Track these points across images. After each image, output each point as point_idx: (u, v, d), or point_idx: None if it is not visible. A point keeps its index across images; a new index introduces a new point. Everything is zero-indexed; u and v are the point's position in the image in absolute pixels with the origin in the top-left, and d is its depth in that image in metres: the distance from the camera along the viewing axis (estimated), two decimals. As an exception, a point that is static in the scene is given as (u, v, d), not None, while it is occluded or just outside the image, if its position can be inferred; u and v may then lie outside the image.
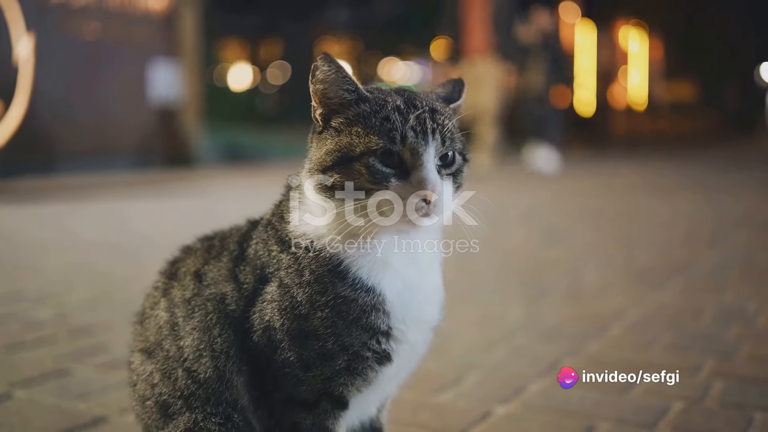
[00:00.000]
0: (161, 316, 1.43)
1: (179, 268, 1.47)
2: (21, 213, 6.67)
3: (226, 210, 6.65)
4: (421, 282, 1.33)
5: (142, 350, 1.44)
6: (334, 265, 1.29)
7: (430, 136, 1.27)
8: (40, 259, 4.57)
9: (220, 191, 8.55)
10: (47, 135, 9.40)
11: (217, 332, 1.35)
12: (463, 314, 3.24)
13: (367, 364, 1.30)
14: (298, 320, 1.28)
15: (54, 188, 8.45)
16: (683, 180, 10.48)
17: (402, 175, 1.25)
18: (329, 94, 1.30)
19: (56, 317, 3.22)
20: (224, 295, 1.37)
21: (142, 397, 1.42)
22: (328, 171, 1.26)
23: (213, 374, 1.35)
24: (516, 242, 5.38)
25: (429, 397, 2.30)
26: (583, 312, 3.32)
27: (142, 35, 10.49)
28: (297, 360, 1.29)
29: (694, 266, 4.35)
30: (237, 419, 1.34)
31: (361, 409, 1.42)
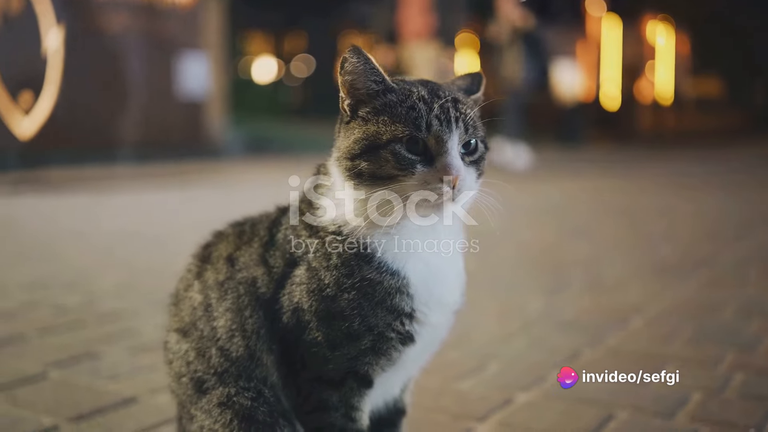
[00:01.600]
0: (195, 297, 1.48)
1: (212, 252, 1.52)
2: (48, 203, 6.79)
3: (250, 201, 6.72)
4: (443, 267, 1.38)
5: (178, 330, 1.50)
6: (360, 249, 1.33)
7: (454, 124, 1.31)
8: (68, 248, 4.67)
9: (244, 183, 8.63)
10: (75, 126, 9.53)
11: (248, 313, 1.41)
12: (483, 306, 3.28)
13: (391, 345, 1.35)
14: (325, 302, 1.33)
15: (81, 179, 8.57)
16: (708, 176, 10.42)
17: (427, 161, 1.29)
18: (357, 84, 1.35)
19: (85, 303, 3.30)
20: (255, 278, 1.42)
21: (178, 374, 1.48)
22: (356, 159, 1.31)
23: (244, 353, 1.40)
24: (537, 236, 5.41)
25: (450, 384, 2.34)
26: (603, 305, 3.34)
27: (168, 28, 10.59)
28: (324, 340, 1.34)
29: (717, 261, 4.36)
30: (268, 395, 1.40)
31: (385, 388, 1.47)
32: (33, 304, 3.26)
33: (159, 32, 10.64)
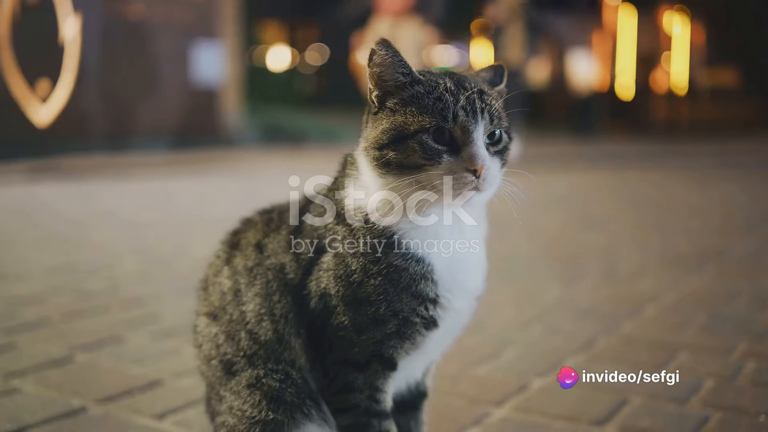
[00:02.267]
0: (224, 283, 1.53)
1: (241, 239, 1.57)
2: (67, 190, 6.87)
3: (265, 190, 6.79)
4: (467, 254, 1.42)
5: (207, 314, 1.55)
6: (386, 237, 1.38)
7: (479, 115, 1.35)
8: (89, 234, 4.74)
9: (259, 171, 8.68)
10: (92, 114, 9.61)
11: (276, 298, 1.46)
12: (501, 294, 3.33)
13: (416, 329, 1.39)
14: (352, 287, 1.38)
15: (98, 167, 8.65)
16: (723, 167, 10.40)
17: (453, 151, 1.33)
18: (385, 76, 1.39)
19: (108, 288, 3.37)
20: (283, 264, 1.47)
21: (208, 356, 1.53)
22: (384, 148, 1.35)
23: (273, 336, 1.45)
24: (553, 227, 5.44)
25: (468, 370, 2.39)
26: (618, 294, 3.38)
27: (184, 16, 10.65)
28: (351, 324, 1.38)
29: (730, 252, 4.38)
30: (295, 376, 1.44)
31: (409, 372, 1.52)
32: (58, 289, 3.33)
33: (175, 21, 10.70)
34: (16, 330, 2.73)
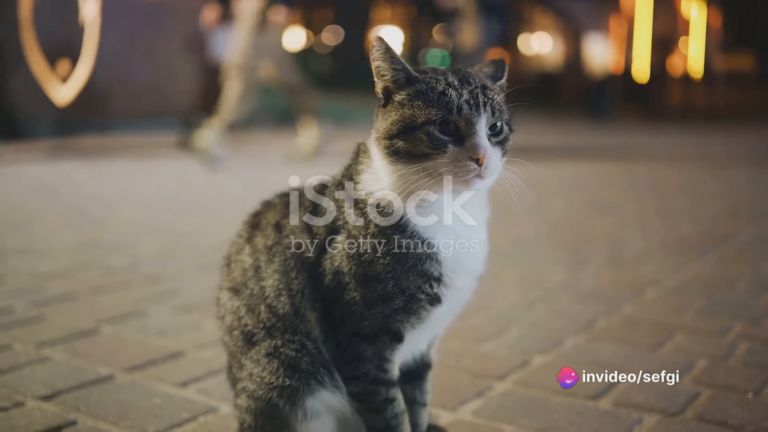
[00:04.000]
0: (246, 260, 1.66)
1: (261, 220, 1.70)
2: (86, 169, 7.03)
3: (277, 172, 6.92)
4: (469, 236, 1.54)
5: (230, 288, 1.68)
6: (396, 220, 1.50)
7: (482, 108, 1.47)
8: (109, 213, 4.88)
9: (272, 154, 8.80)
10: (110, 94, 9.75)
11: (294, 275, 1.58)
12: (507, 276, 3.45)
13: (421, 305, 1.52)
14: (363, 266, 1.50)
15: (116, 147, 8.81)
16: (736, 153, 10.43)
17: (458, 142, 1.45)
18: (382, 71, 1.51)
19: (130, 265, 3.51)
20: (300, 244, 1.59)
21: (230, 327, 1.66)
22: (394, 138, 1.47)
23: (290, 310, 1.58)
24: (563, 211, 5.54)
25: (472, 347, 2.52)
26: (621, 277, 3.49)
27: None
28: (361, 299, 1.51)
29: (734, 238, 4.47)
30: (310, 347, 1.57)
31: (414, 344, 1.64)
32: (83, 264, 3.48)
33: (193, 2, 10.78)
34: (44, 303, 2.88)
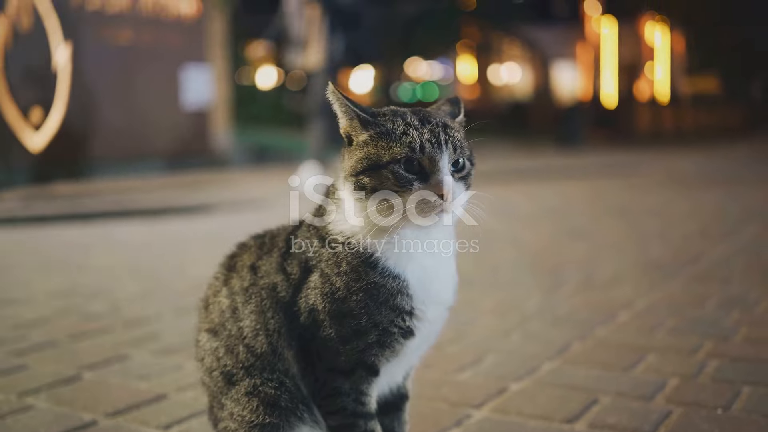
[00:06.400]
0: (223, 302, 1.71)
1: (237, 262, 1.75)
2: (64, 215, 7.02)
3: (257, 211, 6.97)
4: (438, 269, 1.60)
5: (208, 330, 1.72)
6: (366, 257, 1.55)
7: (444, 146, 1.54)
8: (87, 258, 4.90)
9: (251, 193, 8.86)
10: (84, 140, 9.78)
11: (270, 315, 1.63)
12: (483, 303, 3.51)
13: (394, 338, 1.57)
14: (337, 303, 1.56)
15: (92, 192, 8.81)
16: (704, 174, 10.63)
17: (422, 179, 1.51)
18: (340, 114, 1.59)
19: (111, 310, 3.54)
20: (275, 284, 1.64)
21: (209, 368, 1.70)
22: (360, 174, 1.53)
23: (268, 349, 1.63)
24: (536, 237, 5.63)
25: (450, 376, 2.56)
26: (595, 301, 3.57)
27: (173, 40, 10.84)
28: (336, 336, 1.56)
29: (705, 258, 4.57)
30: (289, 384, 1.62)
31: (390, 376, 1.69)
32: (63, 311, 3.50)
33: (165, 44, 10.88)
34: (26, 351, 2.90)
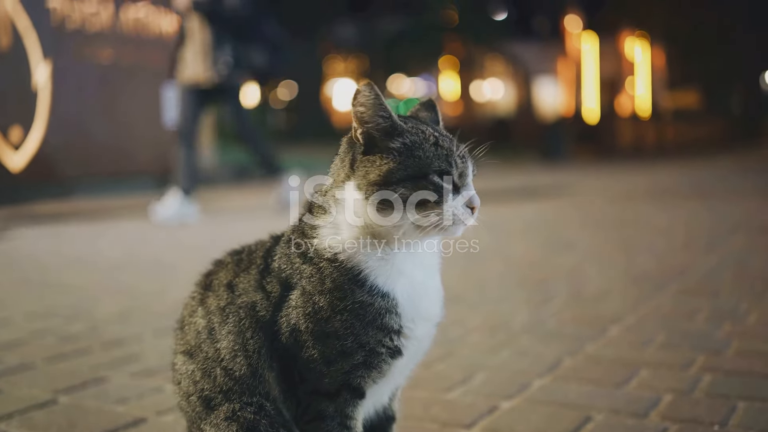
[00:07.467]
0: (199, 322, 1.63)
1: (213, 280, 1.67)
2: (42, 235, 6.91)
3: (240, 229, 6.89)
4: (426, 285, 1.54)
5: (184, 352, 1.64)
6: (353, 275, 1.48)
7: (468, 161, 1.52)
8: (66, 278, 4.80)
9: (234, 210, 8.77)
10: (65, 159, 9.66)
11: (249, 335, 1.55)
12: (472, 320, 3.44)
13: (382, 359, 1.50)
14: (320, 323, 1.48)
15: (73, 211, 8.69)
16: (686, 187, 10.65)
17: (455, 192, 1.48)
18: (366, 117, 1.48)
19: (89, 330, 3.44)
20: (254, 302, 1.57)
21: (186, 393, 1.62)
22: (393, 185, 1.45)
23: (247, 371, 1.55)
24: (524, 252, 5.58)
25: (439, 395, 2.49)
26: (584, 315, 3.51)
27: (155, 58, 10.76)
28: (320, 357, 1.49)
29: (692, 270, 4.54)
30: (269, 408, 1.54)
31: (376, 398, 1.62)
32: (39, 333, 3.40)
33: (147, 63, 10.81)
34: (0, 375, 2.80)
